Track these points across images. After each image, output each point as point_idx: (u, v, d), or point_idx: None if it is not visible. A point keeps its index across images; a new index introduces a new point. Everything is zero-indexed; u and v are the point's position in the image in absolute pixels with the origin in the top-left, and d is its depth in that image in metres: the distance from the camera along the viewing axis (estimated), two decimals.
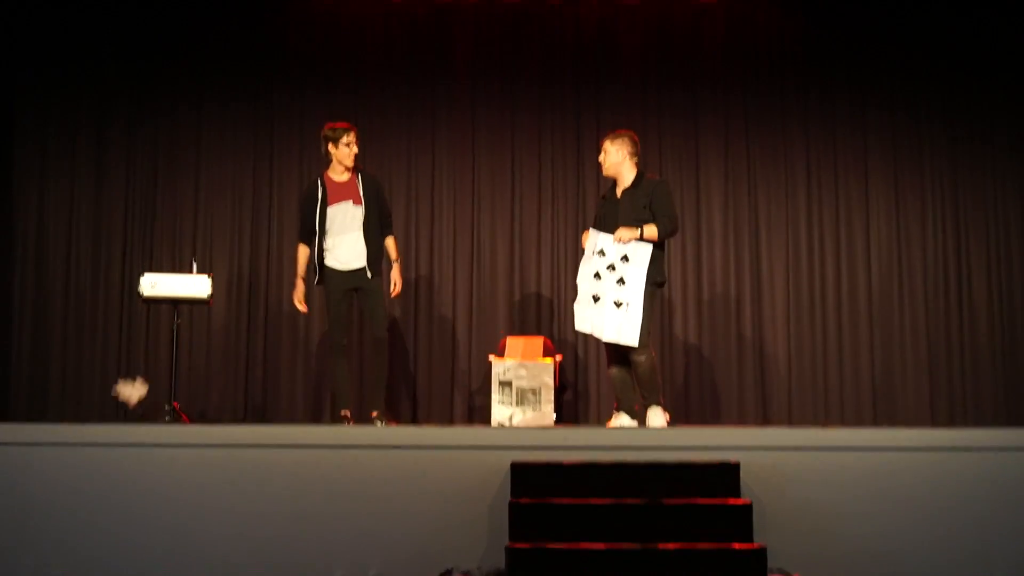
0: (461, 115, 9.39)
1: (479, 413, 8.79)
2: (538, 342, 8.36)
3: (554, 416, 8.01)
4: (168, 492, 5.70)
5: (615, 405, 6.94)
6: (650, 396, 6.72)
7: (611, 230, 6.68)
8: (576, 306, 6.84)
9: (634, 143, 6.87)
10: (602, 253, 6.68)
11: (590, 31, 9.48)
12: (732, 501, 5.30)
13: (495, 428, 5.96)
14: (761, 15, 9.45)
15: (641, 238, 6.58)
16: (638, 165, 6.89)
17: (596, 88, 9.43)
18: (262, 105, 9.36)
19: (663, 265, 6.80)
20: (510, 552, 5.02)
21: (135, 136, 9.28)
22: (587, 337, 8.63)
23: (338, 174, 7.14)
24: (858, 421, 8.86)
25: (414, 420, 8.98)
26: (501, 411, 8.04)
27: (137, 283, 7.89)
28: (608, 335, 6.61)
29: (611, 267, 6.63)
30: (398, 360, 9.01)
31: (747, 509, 5.23)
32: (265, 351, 9.08)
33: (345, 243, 7.00)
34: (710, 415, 8.94)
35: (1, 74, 9.22)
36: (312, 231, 7.06)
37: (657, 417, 6.66)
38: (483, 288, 9.21)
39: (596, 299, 6.67)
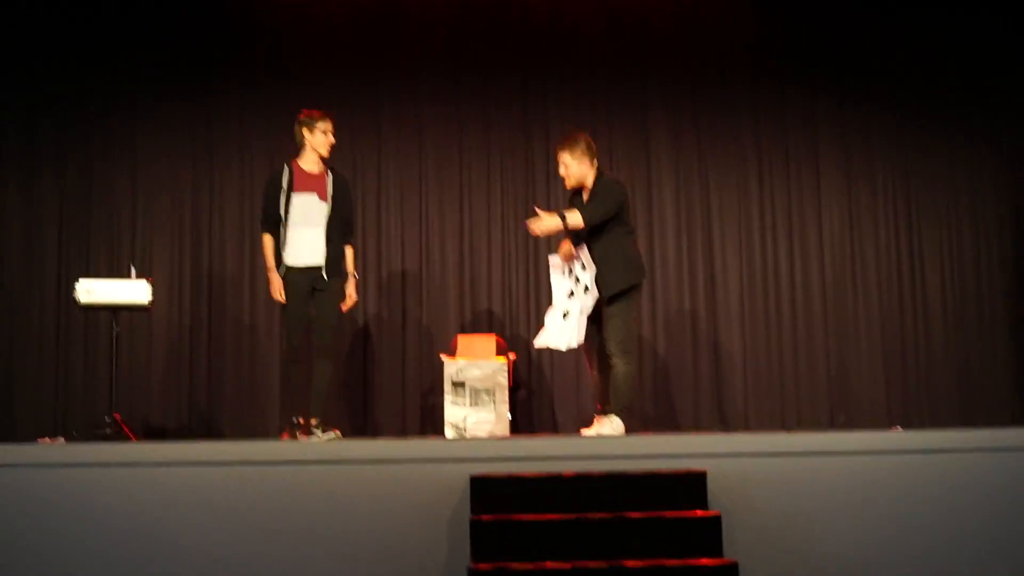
0: (406, 109, 9.20)
1: (431, 413, 8.61)
2: (490, 341, 8.16)
3: (509, 416, 7.86)
4: (110, 513, 5.53)
5: (598, 408, 6.84)
6: (616, 404, 6.59)
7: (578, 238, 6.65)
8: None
9: (589, 146, 6.71)
10: (570, 271, 6.70)
11: (538, 22, 9.32)
12: (700, 513, 5.19)
13: (453, 440, 5.80)
14: (711, 4, 9.37)
15: (566, 229, 6.58)
16: (597, 166, 6.77)
17: (544, 80, 9.28)
18: (198, 99, 9.11)
19: (636, 265, 6.75)
20: (473, 574, 4.88)
21: (66, 135, 8.99)
22: None
23: (309, 164, 6.77)
24: (815, 419, 8.88)
25: (365, 423, 8.81)
26: (454, 412, 7.85)
27: (72, 289, 7.62)
28: (564, 343, 6.64)
29: (577, 280, 6.64)
30: (348, 361, 8.86)
31: (716, 521, 5.12)
32: (209, 355, 8.86)
33: (303, 237, 6.63)
34: (666, 417, 8.86)
35: None
36: (276, 220, 6.65)
37: (613, 426, 6.52)
38: (433, 286, 9.05)
39: (565, 315, 6.64)
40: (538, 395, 8.89)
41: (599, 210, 6.53)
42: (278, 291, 6.64)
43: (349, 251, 6.90)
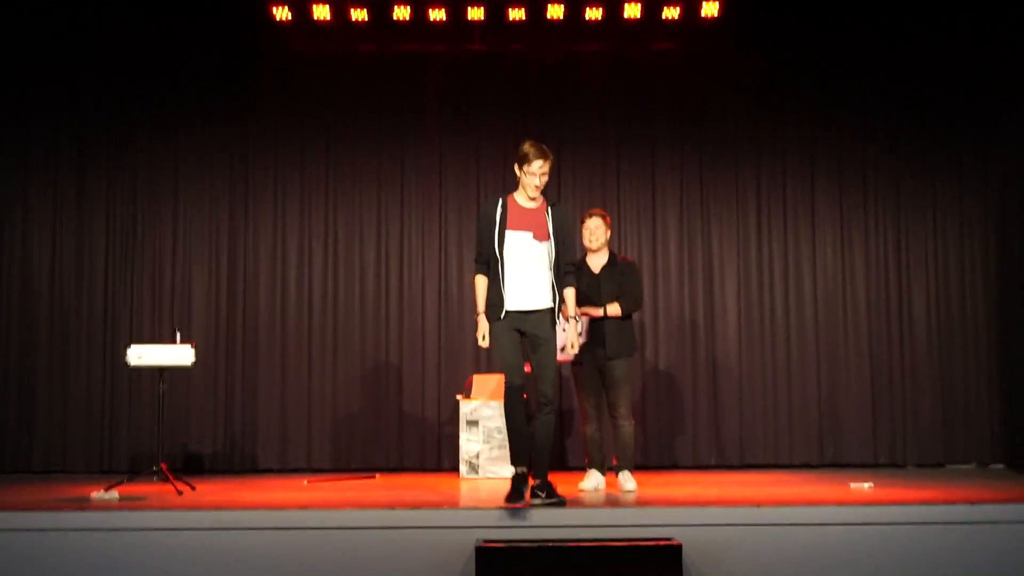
0: (429, 159, 9.68)
1: (449, 443, 9.14)
2: (503, 380, 8.53)
3: None
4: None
5: (586, 461, 7.40)
6: (627, 461, 7.23)
7: (594, 302, 7.11)
8: None
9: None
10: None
11: (553, 75, 9.76)
12: None
13: (461, 510, 6.24)
14: (718, 53, 9.72)
15: (604, 316, 7.08)
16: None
17: (558, 128, 9.63)
18: (237, 146, 9.62)
19: (634, 337, 7.32)
20: None
21: (114, 187, 9.54)
22: None
23: (525, 199, 6.12)
24: (806, 451, 9.33)
25: (388, 455, 9.32)
26: (469, 448, 8.49)
27: (119, 348, 8.36)
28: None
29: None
30: (374, 394, 9.40)
31: None
32: (243, 396, 9.39)
33: (519, 280, 6.01)
34: (666, 451, 9.35)
35: None
36: (487, 260, 6.07)
37: (629, 480, 7.17)
38: (451, 324, 9.53)
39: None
40: None
41: (636, 304, 7.26)
42: (482, 336, 6.14)
43: (570, 293, 6.20)
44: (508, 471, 8.21)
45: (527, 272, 6.00)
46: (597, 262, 7.27)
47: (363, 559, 5.94)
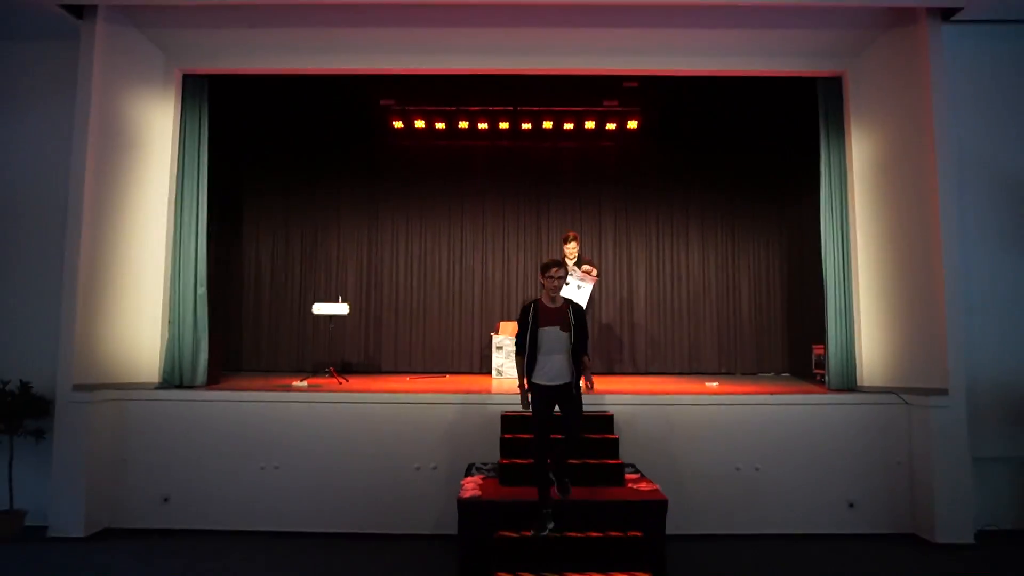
0: (476, 208, 9.61)
1: (485, 360, 9.17)
2: (516, 328, 8.52)
3: None
4: (319, 430, 6.11)
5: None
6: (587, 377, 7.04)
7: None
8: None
9: None
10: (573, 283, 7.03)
11: (544, 160, 9.67)
12: (608, 436, 5.76)
13: (493, 394, 6.30)
14: (637, 149, 9.63)
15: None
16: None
17: (547, 189, 9.61)
18: (370, 200, 9.55)
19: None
20: (500, 465, 5.47)
21: (303, 218, 9.50)
22: None
23: (549, 301, 4.93)
24: (681, 364, 9.27)
25: (450, 363, 9.27)
26: (497, 361, 8.45)
27: (309, 305, 8.33)
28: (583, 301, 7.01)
29: (579, 287, 7.10)
30: (440, 332, 9.34)
31: (615, 442, 5.70)
32: (378, 329, 9.35)
33: (551, 362, 4.84)
34: (609, 366, 9.28)
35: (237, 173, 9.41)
36: (524, 349, 4.91)
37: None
38: (488, 295, 9.49)
39: (579, 287, 7.08)
40: None
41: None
42: (524, 403, 4.97)
43: (586, 360, 5.00)
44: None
45: (555, 357, 4.83)
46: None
47: (439, 421, 6.09)
